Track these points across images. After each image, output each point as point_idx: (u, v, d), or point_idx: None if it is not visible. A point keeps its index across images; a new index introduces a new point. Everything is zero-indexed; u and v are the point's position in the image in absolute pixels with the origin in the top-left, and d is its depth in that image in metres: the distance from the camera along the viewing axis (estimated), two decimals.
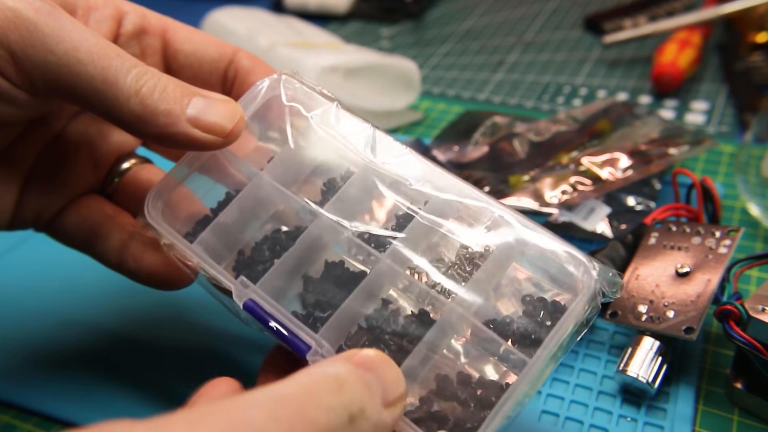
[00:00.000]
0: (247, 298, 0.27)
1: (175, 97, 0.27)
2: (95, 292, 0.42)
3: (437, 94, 0.66)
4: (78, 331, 0.40)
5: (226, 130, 0.27)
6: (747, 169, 0.45)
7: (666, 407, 0.33)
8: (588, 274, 0.25)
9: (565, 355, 0.25)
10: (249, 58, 0.33)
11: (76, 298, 0.42)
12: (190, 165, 0.31)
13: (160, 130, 0.27)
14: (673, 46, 0.63)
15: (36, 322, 0.40)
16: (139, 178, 0.34)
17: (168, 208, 0.30)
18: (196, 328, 0.39)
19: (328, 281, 0.28)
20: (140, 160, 0.35)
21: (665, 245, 0.37)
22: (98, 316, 0.41)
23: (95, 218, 0.32)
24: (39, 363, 0.38)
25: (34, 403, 0.36)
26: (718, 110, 0.59)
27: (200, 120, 0.27)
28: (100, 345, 0.39)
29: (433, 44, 0.76)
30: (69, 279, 0.43)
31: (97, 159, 0.34)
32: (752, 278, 0.40)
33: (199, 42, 0.32)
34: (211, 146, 0.28)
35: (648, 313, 0.34)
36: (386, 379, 0.21)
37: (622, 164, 0.44)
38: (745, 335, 0.31)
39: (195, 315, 0.40)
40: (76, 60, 0.25)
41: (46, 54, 0.25)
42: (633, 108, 0.52)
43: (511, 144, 0.50)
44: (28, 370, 0.37)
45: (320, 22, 0.82)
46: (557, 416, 0.33)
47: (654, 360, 0.33)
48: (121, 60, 0.26)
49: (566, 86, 0.65)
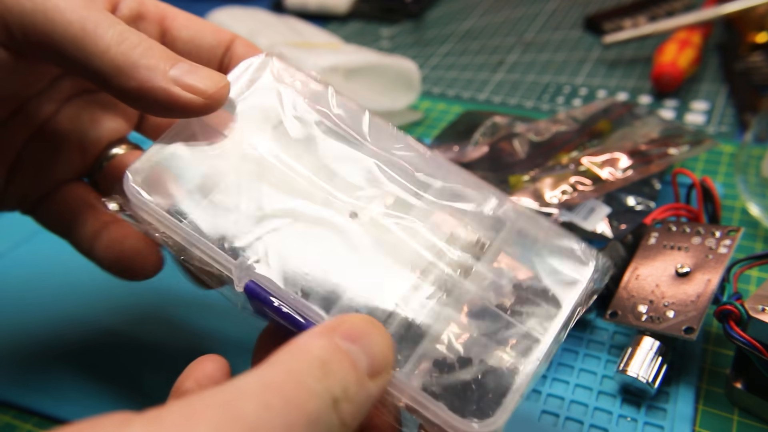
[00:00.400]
0: (248, 279, 0.26)
1: (160, 56, 0.26)
2: (96, 292, 0.42)
3: (437, 94, 0.66)
4: (79, 332, 0.40)
5: (208, 92, 0.27)
6: (747, 169, 0.45)
7: (666, 407, 0.33)
8: (587, 257, 0.27)
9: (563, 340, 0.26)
10: (245, 45, 0.32)
11: (76, 298, 0.42)
12: (177, 135, 0.29)
13: (140, 83, 0.26)
14: (673, 46, 0.63)
15: (36, 321, 0.40)
16: (125, 164, 0.32)
17: (149, 183, 0.28)
18: (197, 330, 0.39)
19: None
20: (130, 146, 0.34)
21: (665, 245, 0.37)
22: (99, 315, 0.41)
23: (76, 205, 0.32)
24: (39, 363, 0.38)
25: (34, 403, 0.36)
26: (718, 110, 0.59)
27: (182, 80, 0.26)
28: (101, 345, 0.39)
29: (433, 44, 0.76)
30: (69, 279, 0.43)
31: (87, 145, 0.33)
32: (752, 278, 0.41)
33: (197, 29, 0.32)
34: (192, 107, 0.27)
35: (648, 313, 0.34)
36: (373, 348, 0.21)
37: (622, 164, 0.44)
38: (745, 335, 0.31)
39: (196, 316, 0.40)
40: (54, 5, 0.25)
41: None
42: (633, 108, 0.52)
43: (511, 144, 0.50)
44: (28, 369, 0.37)
45: (320, 22, 0.82)
46: (557, 416, 0.33)
47: (654, 360, 0.33)
48: (104, 15, 0.26)
49: (566, 86, 0.65)
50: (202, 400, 0.17)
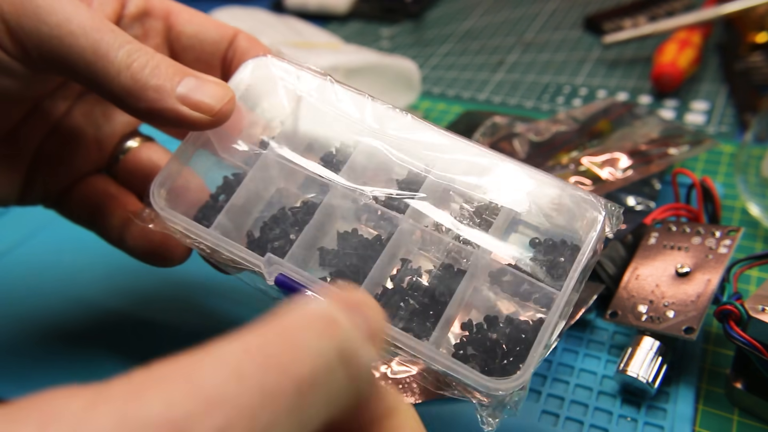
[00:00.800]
0: (277, 273, 0.27)
1: (166, 74, 0.27)
2: (96, 292, 0.42)
3: (437, 94, 0.66)
4: (78, 333, 0.40)
5: (214, 109, 0.28)
6: (747, 169, 0.45)
7: (666, 407, 0.33)
8: (596, 209, 0.28)
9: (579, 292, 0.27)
10: (247, 39, 0.33)
11: (77, 300, 0.42)
12: (192, 146, 0.31)
13: (149, 104, 0.27)
14: (673, 46, 0.63)
15: (36, 322, 0.40)
16: (141, 157, 0.34)
17: (173, 194, 0.30)
18: (205, 313, 0.40)
19: (346, 250, 0.29)
20: (143, 138, 0.35)
21: (665, 245, 0.37)
22: (99, 318, 0.41)
23: (99, 197, 0.33)
24: (40, 363, 0.38)
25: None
26: (717, 110, 0.59)
27: (189, 98, 0.27)
28: (102, 346, 0.39)
29: (433, 44, 0.76)
30: (69, 279, 0.43)
31: (102, 139, 0.34)
32: (752, 278, 0.41)
33: (201, 24, 0.33)
34: (199, 124, 0.28)
35: (648, 313, 0.34)
36: (369, 313, 0.20)
37: (622, 164, 0.44)
38: (745, 335, 0.31)
39: (202, 299, 0.40)
40: (68, 32, 0.26)
41: (38, 24, 0.26)
42: (633, 108, 0.52)
43: (511, 144, 0.50)
44: (28, 368, 0.37)
45: (320, 22, 0.82)
46: (557, 416, 0.33)
47: (654, 360, 0.33)
48: (114, 35, 0.27)
49: (566, 86, 0.65)
50: (162, 369, 0.14)
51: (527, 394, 0.34)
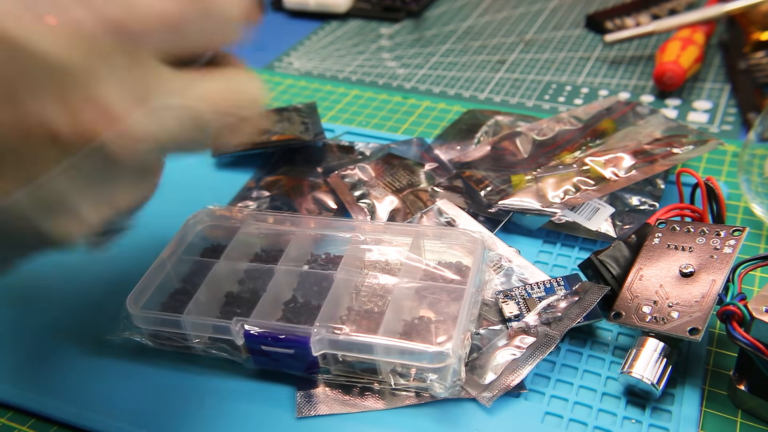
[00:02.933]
0: (242, 330, 0.34)
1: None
2: (95, 292, 0.42)
3: (438, 94, 0.66)
4: (79, 331, 0.40)
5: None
6: (750, 168, 0.45)
7: (671, 409, 0.33)
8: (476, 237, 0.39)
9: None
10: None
11: (77, 300, 0.42)
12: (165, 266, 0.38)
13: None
14: (675, 44, 0.62)
15: (36, 321, 0.40)
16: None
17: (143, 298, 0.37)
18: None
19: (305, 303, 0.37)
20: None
21: (669, 245, 0.37)
22: (99, 315, 0.40)
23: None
24: (39, 362, 0.38)
25: (32, 403, 0.35)
26: (720, 109, 0.59)
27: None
28: (102, 345, 0.39)
29: (434, 43, 0.75)
30: (69, 279, 0.43)
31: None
32: (756, 279, 0.40)
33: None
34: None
35: (652, 314, 0.34)
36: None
37: (626, 164, 0.44)
38: (748, 336, 0.30)
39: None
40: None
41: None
42: (636, 107, 0.52)
43: (513, 143, 0.49)
44: (28, 369, 0.37)
45: (320, 20, 0.81)
46: (561, 418, 0.33)
47: (659, 361, 0.33)
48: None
49: (567, 85, 0.65)
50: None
51: (527, 393, 0.34)
